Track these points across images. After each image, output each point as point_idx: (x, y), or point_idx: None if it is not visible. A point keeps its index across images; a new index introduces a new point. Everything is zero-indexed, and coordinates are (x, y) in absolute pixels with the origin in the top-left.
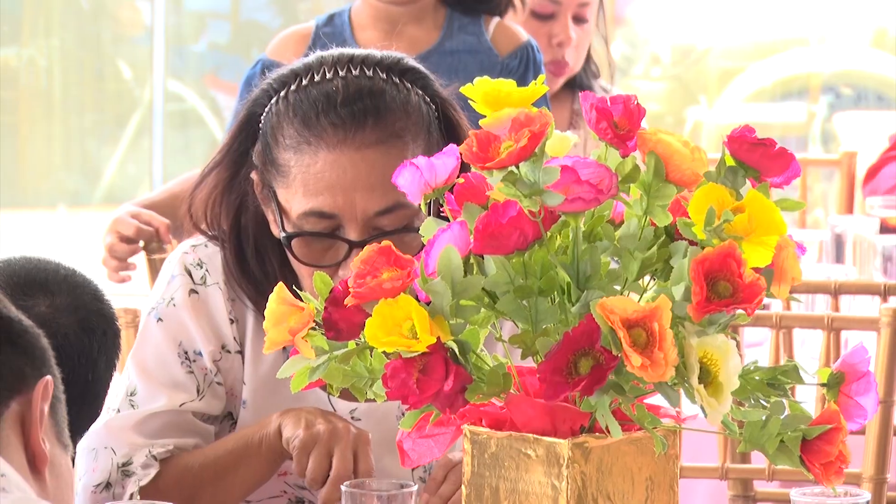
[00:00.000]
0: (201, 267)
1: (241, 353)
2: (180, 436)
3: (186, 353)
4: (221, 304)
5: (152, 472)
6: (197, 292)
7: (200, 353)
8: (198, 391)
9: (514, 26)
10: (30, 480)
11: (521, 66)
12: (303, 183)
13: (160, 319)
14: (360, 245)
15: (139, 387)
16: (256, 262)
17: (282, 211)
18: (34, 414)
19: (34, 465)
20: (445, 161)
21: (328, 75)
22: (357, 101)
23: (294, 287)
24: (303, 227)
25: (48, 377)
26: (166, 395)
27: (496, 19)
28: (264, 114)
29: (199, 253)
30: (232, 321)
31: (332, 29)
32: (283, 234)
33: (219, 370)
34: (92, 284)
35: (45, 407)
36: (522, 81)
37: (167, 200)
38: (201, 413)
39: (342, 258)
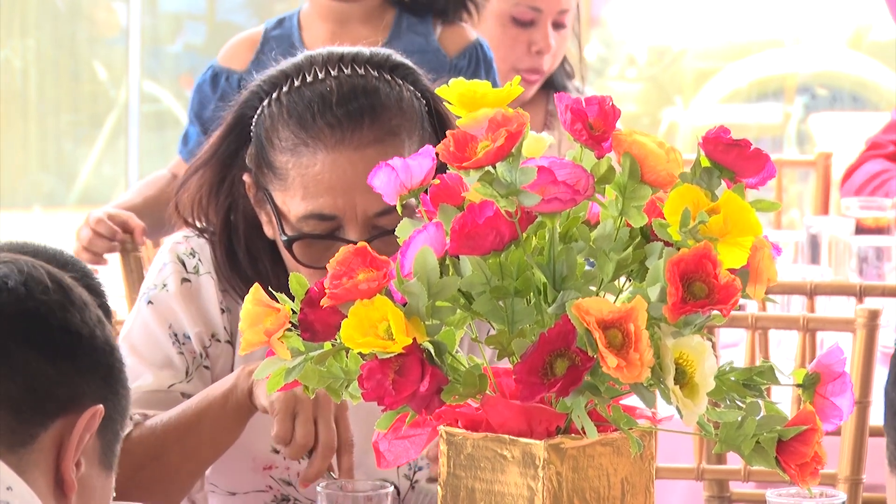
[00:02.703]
0: (194, 256)
1: (231, 342)
2: (162, 410)
3: (176, 335)
4: (213, 294)
5: None
6: (189, 280)
7: (189, 337)
8: (186, 373)
9: (463, 26)
10: None
11: (472, 65)
12: (302, 185)
13: (151, 302)
14: None
15: (127, 365)
16: (248, 261)
17: (279, 214)
18: (72, 441)
19: (62, 490)
20: (421, 162)
21: (320, 75)
22: (352, 101)
23: (284, 288)
24: (303, 229)
25: (99, 407)
26: (153, 374)
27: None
28: (256, 116)
29: (191, 243)
30: (223, 311)
31: (281, 31)
32: (283, 238)
33: (207, 355)
34: (79, 263)
35: (87, 436)
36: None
37: (143, 202)
38: (188, 394)
39: None
